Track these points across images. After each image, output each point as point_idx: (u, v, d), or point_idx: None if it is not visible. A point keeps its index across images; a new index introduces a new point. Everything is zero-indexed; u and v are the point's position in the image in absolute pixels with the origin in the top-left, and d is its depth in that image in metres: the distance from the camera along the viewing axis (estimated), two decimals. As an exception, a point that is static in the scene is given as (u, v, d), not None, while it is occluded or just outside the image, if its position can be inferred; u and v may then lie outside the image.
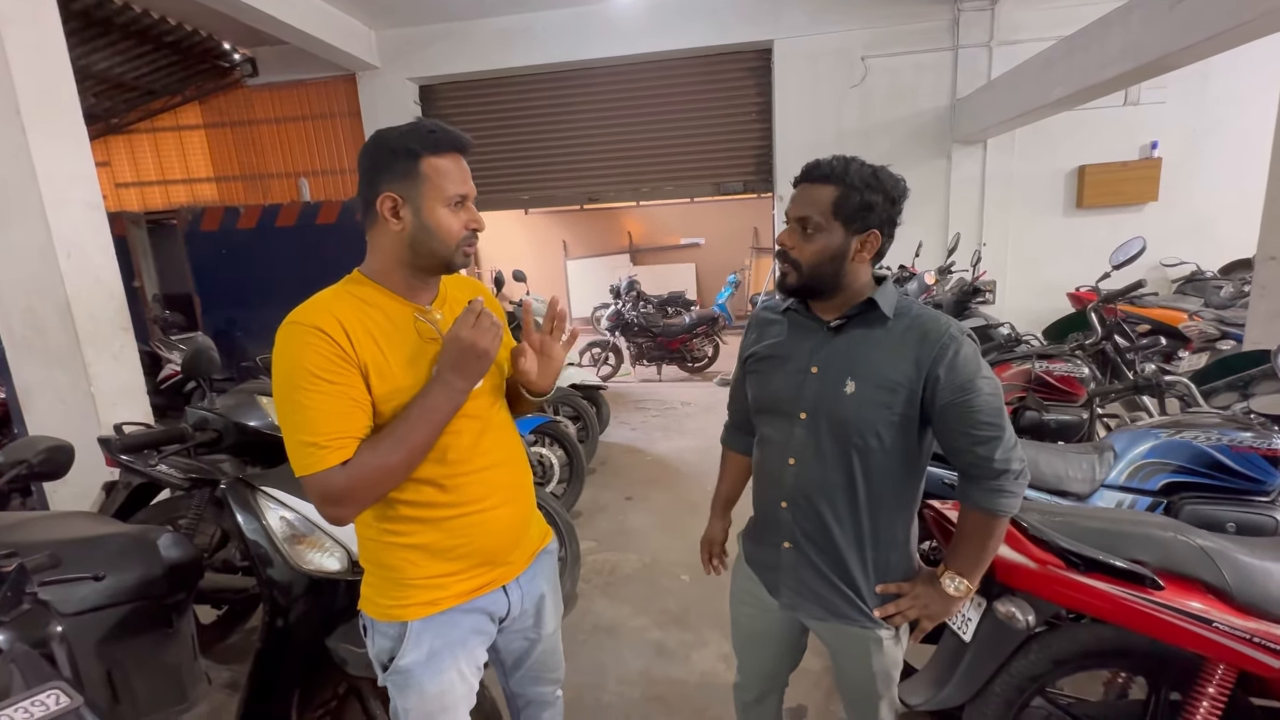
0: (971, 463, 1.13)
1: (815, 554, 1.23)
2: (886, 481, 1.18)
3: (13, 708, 0.81)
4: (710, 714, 2.09)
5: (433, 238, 1.05)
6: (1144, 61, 3.29)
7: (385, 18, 5.90)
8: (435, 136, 1.04)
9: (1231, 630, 1.23)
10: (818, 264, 1.15)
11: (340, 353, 0.99)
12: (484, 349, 1.02)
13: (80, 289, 2.90)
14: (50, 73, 2.86)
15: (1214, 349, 3.61)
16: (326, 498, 0.99)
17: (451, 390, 1.03)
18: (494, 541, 1.17)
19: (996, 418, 1.10)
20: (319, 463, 0.97)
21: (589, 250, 11.37)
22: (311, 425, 0.97)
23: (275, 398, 1.01)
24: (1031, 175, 5.77)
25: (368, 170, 1.05)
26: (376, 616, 1.13)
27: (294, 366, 0.98)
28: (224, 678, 2.14)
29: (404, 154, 1.02)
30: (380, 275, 1.09)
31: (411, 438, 1.01)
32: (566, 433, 3.62)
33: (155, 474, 1.95)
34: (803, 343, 1.23)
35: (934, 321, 1.13)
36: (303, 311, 1.02)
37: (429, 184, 1.03)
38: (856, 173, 1.11)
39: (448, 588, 1.12)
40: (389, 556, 1.11)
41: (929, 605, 1.20)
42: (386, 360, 1.03)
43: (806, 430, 1.19)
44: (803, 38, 5.75)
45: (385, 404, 1.03)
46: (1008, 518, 1.15)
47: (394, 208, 1.04)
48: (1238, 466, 1.71)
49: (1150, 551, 1.32)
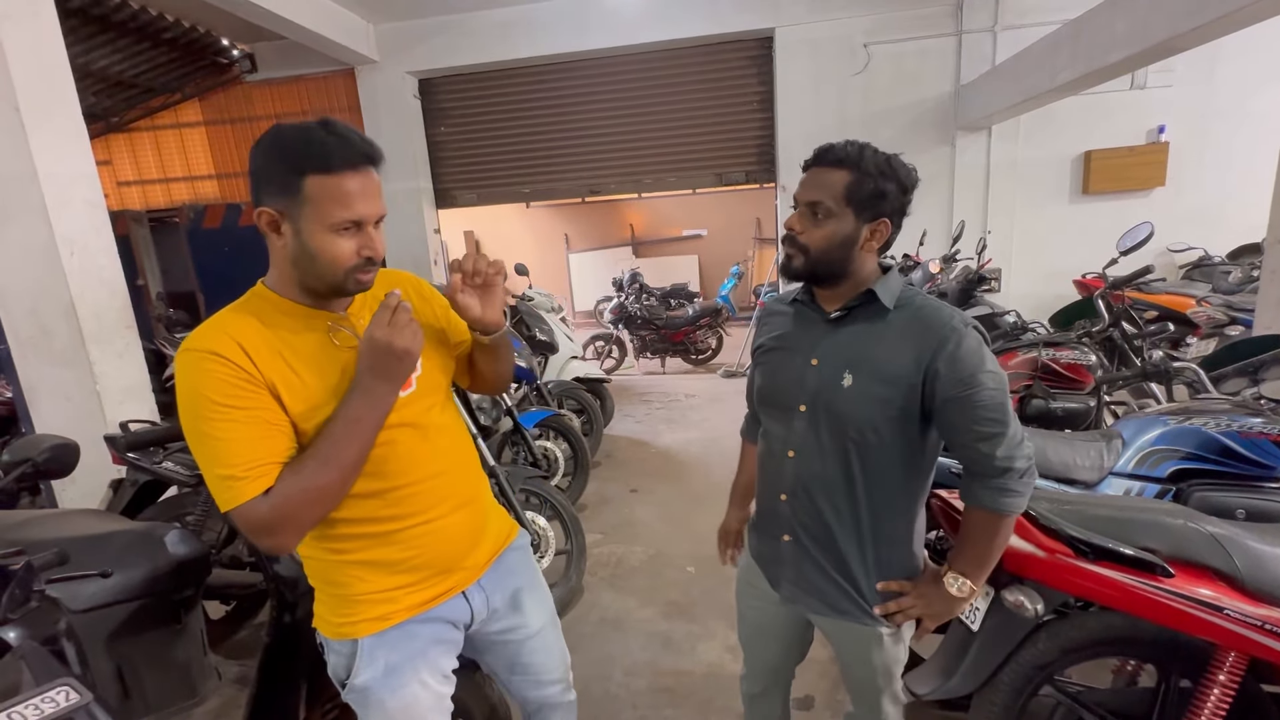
0: (974, 459, 1.10)
1: (815, 548, 1.22)
2: (886, 477, 1.15)
3: (23, 704, 0.81)
4: (716, 705, 2.10)
5: (315, 262, 0.94)
6: (1151, 44, 3.24)
7: (383, 12, 5.87)
8: (325, 149, 0.89)
9: (1242, 617, 1.22)
10: (826, 249, 1.12)
11: (243, 375, 0.91)
12: (403, 348, 0.94)
13: (84, 288, 2.91)
14: (49, 71, 2.85)
15: (1223, 334, 3.57)
16: (255, 529, 0.91)
17: (373, 396, 0.95)
18: (447, 549, 1.11)
19: (1000, 413, 1.06)
20: (238, 495, 0.89)
21: (591, 243, 11.34)
22: (224, 457, 0.89)
23: (185, 433, 0.93)
24: (1037, 161, 5.71)
25: (252, 170, 0.94)
26: (328, 634, 1.09)
27: (195, 397, 0.90)
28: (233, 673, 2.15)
29: (285, 169, 0.90)
30: (281, 288, 1.00)
31: (338, 454, 0.93)
32: (571, 426, 3.62)
33: (161, 471, 1.96)
34: (806, 334, 1.22)
35: (936, 313, 1.10)
36: (197, 337, 0.94)
37: (310, 206, 0.91)
38: (871, 159, 1.08)
39: (398, 601, 1.07)
40: (335, 574, 1.06)
41: (932, 604, 1.17)
42: (298, 376, 0.96)
43: (806, 423, 1.18)
44: (804, 25, 5.68)
45: (305, 422, 0.96)
46: (1013, 517, 1.12)
47: (273, 222, 0.93)
48: (1247, 452, 1.69)
49: (1160, 539, 1.31)
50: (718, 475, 4.04)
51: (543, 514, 2.67)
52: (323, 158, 0.89)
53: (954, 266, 4.75)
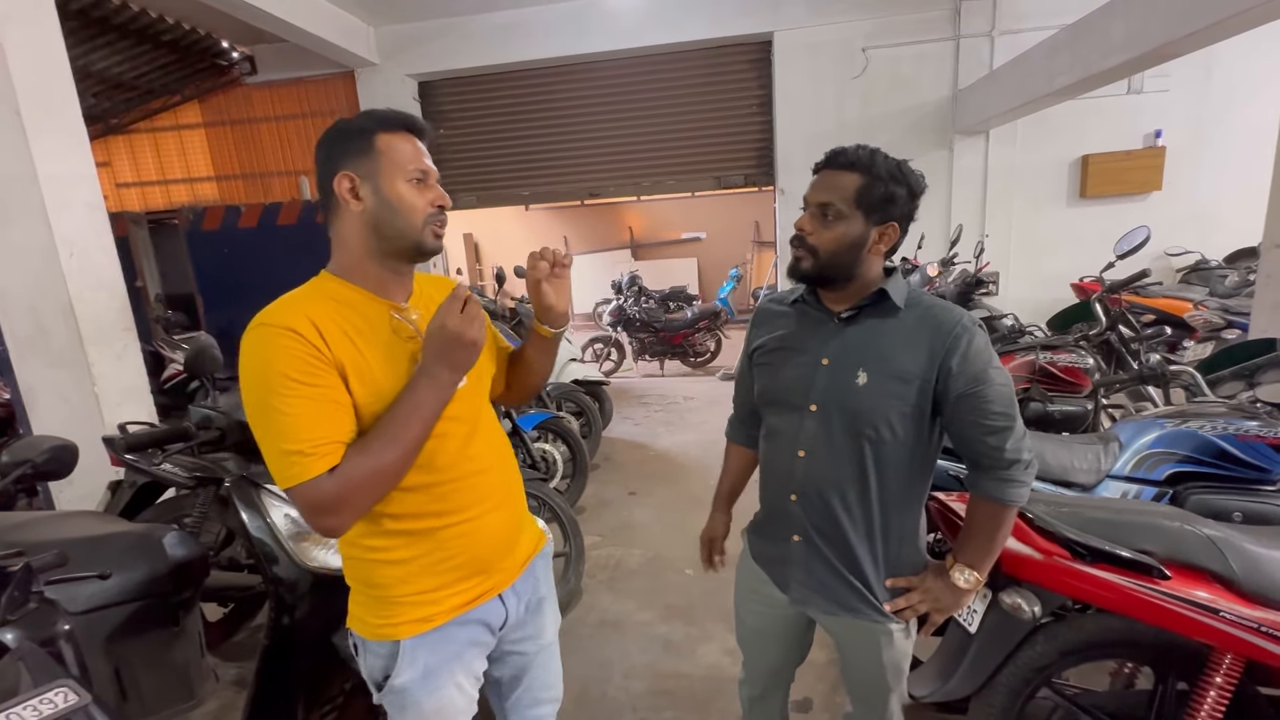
0: (982, 453, 1.13)
1: (826, 547, 1.22)
2: (898, 474, 1.17)
3: (21, 705, 0.81)
4: (715, 707, 2.10)
5: (396, 215, 1.00)
6: (1147, 49, 3.26)
7: (384, 14, 5.88)
8: (390, 114, 1.02)
9: (1239, 619, 1.23)
10: (835, 251, 1.14)
11: (316, 353, 0.93)
12: (472, 338, 0.97)
13: (83, 289, 2.91)
14: (49, 73, 2.85)
15: (1219, 338, 3.58)
16: (317, 508, 0.92)
17: (439, 384, 0.98)
18: (486, 550, 1.12)
19: (1008, 408, 1.11)
20: (305, 471, 0.90)
21: (590, 246, 11.35)
22: (293, 432, 0.90)
23: (246, 407, 0.94)
24: (1034, 165, 5.73)
25: (324, 157, 1.02)
26: (367, 635, 1.08)
27: (267, 371, 0.91)
28: (231, 675, 2.15)
29: (357, 133, 1.00)
30: (349, 271, 1.03)
31: (401, 437, 0.95)
32: (570, 428, 3.63)
33: (160, 473, 1.95)
34: (812, 334, 1.22)
35: (946, 312, 1.13)
36: (271, 313, 0.96)
37: (385, 159, 0.99)
38: (882, 163, 1.11)
39: (440, 603, 1.07)
40: (376, 574, 1.06)
41: (939, 598, 1.20)
42: (365, 360, 0.98)
43: (817, 422, 1.18)
44: (803, 29, 5.70)
45: (368, 407, 0.98)
46: (1017, 508, 1.15)
47: (352, 187, 0.99)
48: (1244, 456, 1.70)
49: (1156, 541, 1.32)
50: (716, 478, 4.03)
51: (541, 516, 2.66)
52: (386, 119, 1.02)
53: (952, 270, 4.76)
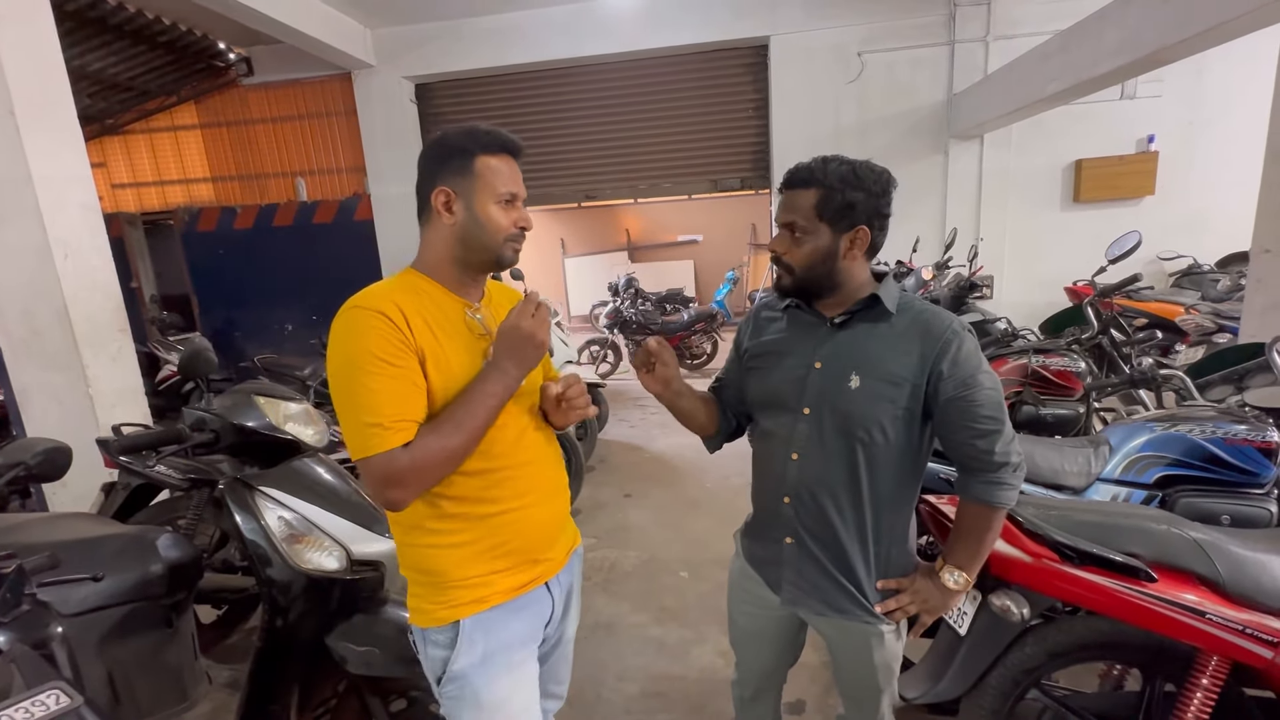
0: (972, 456, 1.15)
1: (818, 549, 1.23)
2: (889, 476, 1.19)
3: (13, 708, 0.81)
4: (709, 710, 2.10)
5: (483, 231, 1.09)
6: (1140, 55, 3.29)
7: (380, 16, 5.88)
8: (490, 137, 1.10)
9: (1224, 622, 1.24)
10: (810, 266, 1.17)
11: (402, 337, 1.01)
12: (542, 339, 1.07)
13: (77, 290, 2.90)
14: (44, 74, 2.85)
15: (1210, 342, 3.61)
16: (389, 479, 0.99)
17: (507, 377, 1.06)
18: (535, 538, 1.18)
19: (997, 411, 1.13)
20: (382, 443, 0.97)
21: (587, 248, 11.36)
22: (375, 407, 0.98)
23: (333, 382, 1.03)
24: (1028, 170, 5.76)
25: (426, 168, 1.11)
26: (427, 624, 1.12)
27: (357, 349, 1.00)
28: (224, 677, 2.15)
29: (460, 152, 1.08)
30: (432, 269, 1.13)
31: (469, 422, 1.03)
32: (565, 430, 3.63)
33: (154, 475, 1.95)
34: (805, 338, 1.23)
35: (937, 317, 1.15)
36: (364, 297, 1.05)
37: (481, 180, 1.08)
38: (835, 172, 1.13)
39: (493, 584, 1.12)
40: (433, 560, 1.11)
41: (929, 600, 1.22)
42: (443, 349, 1.06)
43: (810, 425, 1.20)
44: (799, 33, 5.73)
45: (440, 394, 1.05)
46: (1006, 510, 1.17)
47: (447, 202, 1.09)
48: (1232, 459, 1.72)
49: (1144, 544, 1.33)
50: (712, 480, 4.05)
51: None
52: (488, 142, 1.10)
53: (946, 273, 4.79)
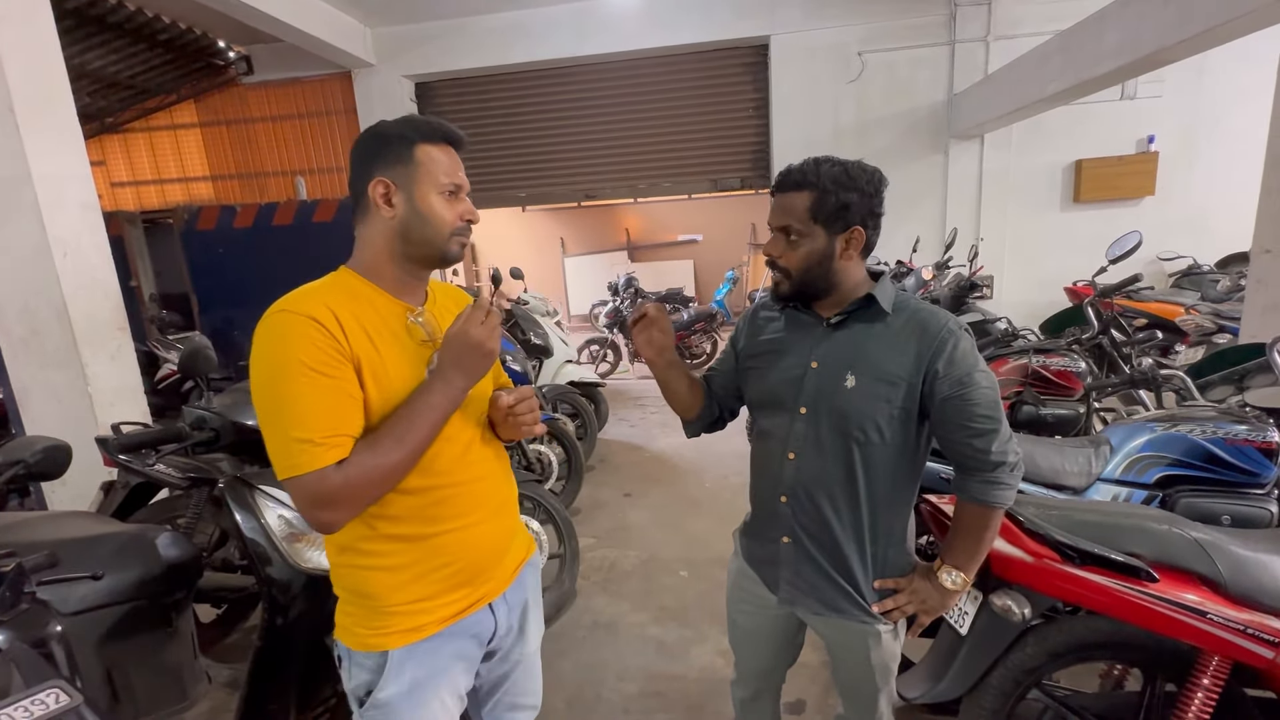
0: (969, 455, 1.14)
1: (815, 548, 1.23)
2: (886, 476, 1.18)
3: (12, 707, 0.81)
4: (709, 709, 2.10)
5: (426, 225, 1.01)
6: (1140, 55, 3.29)
7: (381, 15, 5.88)
8: (430, 126, 1.03)
9: (1225, 622, 1.24)
10: (806, 268, 1.17)
11: (335, 344, 0.93)
12: (492, 348, 0.99)
13: (77, 289, 2.90)
14: (44, 72, 2.84)
15: (1210, 342, 3.61)
16: (321, 500, 0.90)
17: (452, 389, 0.99)
18: (479, 558, 1.11)
19: (993, 410, 1.12)
20: (313, 461, 0.88)
21: (587, 247, 11.35)
22: (304, 421, 0.89)
23: (256, 392, 0.92)
24: (1028, 170, 5.76)
25: (360, 159, 1.03)
26: (354, 646, 1.06)
27: (284, 357, 0.90)
28: (224, 676, 2.15)
29: (399, 140, 1.01)
30: (369, 270, 1.04)
31: (410, 437, 0.95)
32: (565, 430, 3.63)
33: (153, 473, 1.95)
34: (802, 338, 1.23)
35: (933, 316, 1.15)
36: (292, 300, 0.96)
37: (422, 170, 1.01)
38: (828, 174, 1.12)
39: (432, 612, 1.05)
40: (368, 583, 1.04)
41: (926, 600, 1.22)
42: (380, 358, 0.98)
43: (806, 424, 1.20)
44: (799, 33, 5.73)
45: (376, 407, 0.97)
46: (1003, 509, 1.16)
47: (386, 194, 1.01)
48: (1232, 459, 1.71)
49: (1145, 544, 1.33)
50: (711, 480, 4.05)
51: (536, 518, 2.67)
52: (428, 130, 1.02)
53: (946, 273, 4.79)
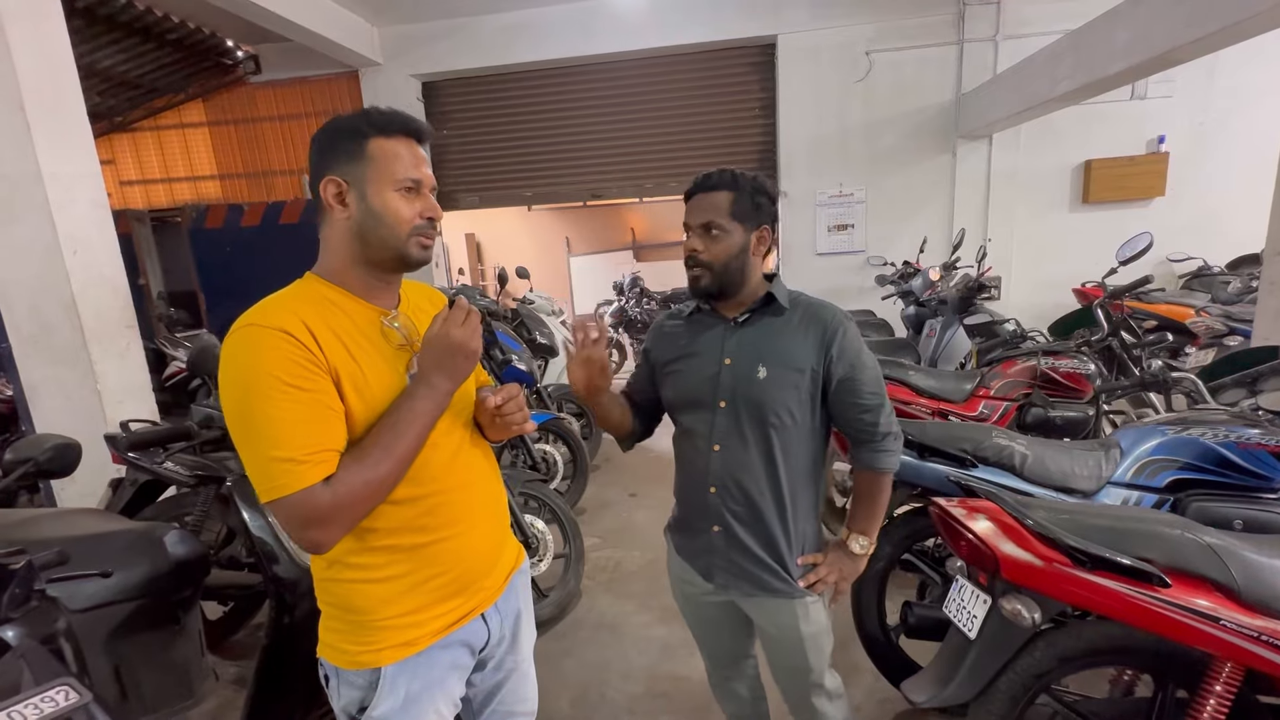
0: (860, 428, 1.32)
1: (744, 533, 1.33)
2: (800, 455, 1.32)
3: (23, 703, 0.81)
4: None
5: (381, 224, 0.95)
6: (1151, 55, 3.26)
7: (388, 14, 5.89)
8: (386, 117, 0.97)
9: (1239, 628, 1.23)
10: (726, 261, 1.29)
11: (310, 356, 0.88)
12: (474, 349, 0.96)
13: (85, 287, 2.91)
14: (54, 71, 2.86)
15: (1221, 345, 3.58)
16: (308, 520, 0.86)
17: (436, 393, 0.95)
18: (471, 567, 1.08)
19: (878, 388, 1.31)
20: (298, 480, 0.84)
21: (592, 247, 11.34)
22: (283, 439, 0.84)
23: (229, 414, 0.87)
24: (1037, 170, 5.72)
25: (315, 157, 0.98)
26: (342, 664, 1.01)
27: (256, 373, 0.85)
28: (231, 674, 2.16)
29: (350, 134, 0.95)
30: (335, 275, 0.99)
31: (398, 446, 0.91)
32: (570, 429, 3.63)
33: (161, 471, 1.96)
34: (711, 339, 1.35)
35: (824, 308, 1.31)
36: (259, 313, 0.91)
37: (375, 166, 0.95)
38: (744, 177, 1.29)
39: (424, 625, 1.02)
40: (356, 597, 0.99)
41: (843, 567, 1.36)
42: (358, 366, 0.94)
43: (726, 417, 1.31)
44: (806, 33, 5.71)
45: (359, 417, 0.93)
46: (892, 474, 1.35)
47: (339, 193, 0.96)
48: (1245, 463, 1.70)
49: (1157, 549, 1.32)
50: (716, 480, 4.04)
51: (541, 517, 2.67)
52: (382, 123, 0.97)
53: (954, 274, 4.76)
